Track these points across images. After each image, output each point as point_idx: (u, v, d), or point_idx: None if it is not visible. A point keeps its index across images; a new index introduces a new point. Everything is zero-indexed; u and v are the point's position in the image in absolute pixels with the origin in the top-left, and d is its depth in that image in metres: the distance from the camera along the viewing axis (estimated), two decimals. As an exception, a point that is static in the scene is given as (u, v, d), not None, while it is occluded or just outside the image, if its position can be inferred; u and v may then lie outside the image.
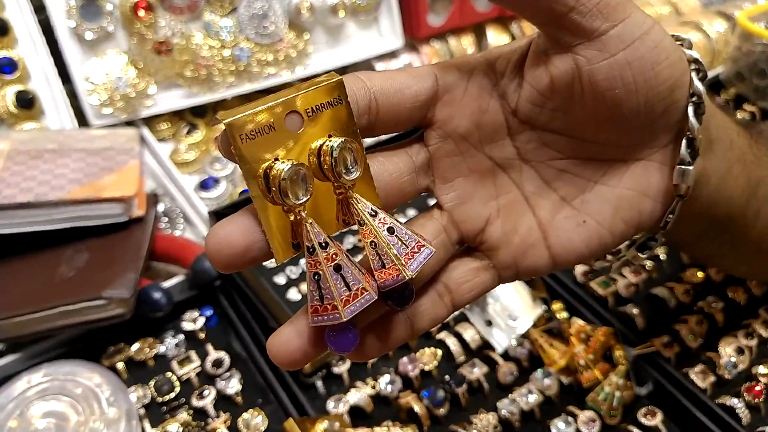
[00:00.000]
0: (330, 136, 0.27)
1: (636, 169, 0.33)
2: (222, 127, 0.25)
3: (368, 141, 0.46)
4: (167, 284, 0.61)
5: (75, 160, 0.63)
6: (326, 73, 0.28)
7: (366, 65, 0.94)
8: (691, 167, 0.31)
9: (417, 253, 0.28)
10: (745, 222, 0.41)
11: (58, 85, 0.77)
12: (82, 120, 0.79)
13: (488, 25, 1.02)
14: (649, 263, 0.67)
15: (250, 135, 0.25)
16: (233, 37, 0.84)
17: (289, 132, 0.26)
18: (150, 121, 0.84)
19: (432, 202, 0.37)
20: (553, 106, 0.31)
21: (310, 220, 0.26)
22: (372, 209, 0.28)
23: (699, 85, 0.30)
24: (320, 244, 0.26)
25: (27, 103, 0.75)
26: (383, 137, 0.48)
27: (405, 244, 0.28)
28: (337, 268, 0.26)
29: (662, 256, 0.69)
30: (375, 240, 0.27)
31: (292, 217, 0.26)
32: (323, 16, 0.90)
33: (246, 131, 0.25)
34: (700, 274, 0.66)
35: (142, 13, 0.79)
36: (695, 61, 0.31)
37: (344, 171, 0.27)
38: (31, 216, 0.58)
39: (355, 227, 0.28)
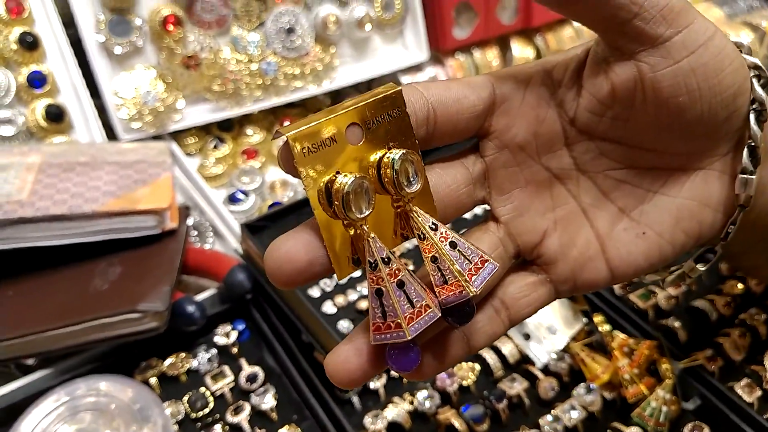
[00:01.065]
0: (390, 148, 0.26)
1: (696, 179, 0.32)
2: (282, 141, 0.24)
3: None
4: (200, 297, 0.60)
5: (108, 172, 0.63)
6: (382, 85, 0.27)
7: (391, 78, 0.94)
8: (753, 176, 0.31)
9: (480, 268, 0.27)
10: None
11: (88, 99, 0.77)
12: (110, 134, 0.79)
13: (513, 37, 1.01)
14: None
15: (312, 148, 0.24)
16: (260, 51, 0.84)
17: (350, 144, 0.25)
18: (177, 136, 0.83)
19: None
20: (613, 115, 0.30)
21: (372, 235, 0.25)
22: (433, 223, 0.27)
23: (761, 92, 0.30)
24: (383, 259, 0.25)
25: (56, 116, 0.75)
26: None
27: (468, 260, 0.27)
28: (400, 284, 0.26)
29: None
30: (437, 255, 0.27)
31: (352, 232, 0.26)
32: (349, 30, 0.89)
33: (308, 145, 0.24)
34: (740, 286, 0.65)
35: (171, 27, 0.79)
36: (756, 67, 0.30)
37: (405, 183, 0.26)
38: (64, 228, 0.57)
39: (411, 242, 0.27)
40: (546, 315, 0.62)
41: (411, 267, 0.49)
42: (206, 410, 0.55)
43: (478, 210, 0.71)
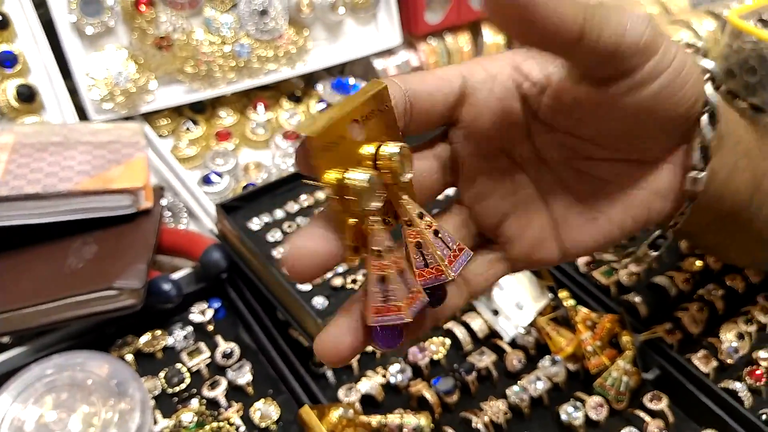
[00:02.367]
0: (383, 141, 0.28)
1: (648, 170, 0.34)
2: (298, 139, 0.26)
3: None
4: (176, 276, 0.61)
5: (81, 152, 0.63)
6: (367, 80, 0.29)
7: (364, 62, 0.95)
8: (703, 173, 0.33)
9: (458, 255, 0.29)
10: (749, 214, 0.42)
11: (59, 79, 0.77)
12: (82, 115, 0.78)
13: (484, 23, 1.03)
14: (649, 253, 0.69)
15: (327, 146, 0.26)
16: (234, 33, 0.85)
17: (353, 140, 0.27)
18: (150, 117, 0.83)
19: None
20: (577, 117, 0.32)
21: (381, 226, 0.27)
22: (420, 211, 0.29)
23: (713, 95, 0.32)
24: (389, 248, 0.27)
25: (28, 97, 0.74)
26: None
27: (448, 247, 0.29)
28: (401, 272, 0.28)
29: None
30: (421, 241, 0.28)
31: (352, 221, 0.27)
32: (323, 13, 0.90)
33: (324, 143, 0.25)
34: (698, 263, 0.68)
35: (143, 8, 0.79)
36: (706, 70, 0.32)
37: (402, 174, 0.28)
38: (39, 207, 0.58)
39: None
40: (514, 291, 0.64)
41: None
42: (183, 385, 0.56)
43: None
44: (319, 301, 0.58)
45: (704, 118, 0.32)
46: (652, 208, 0.34)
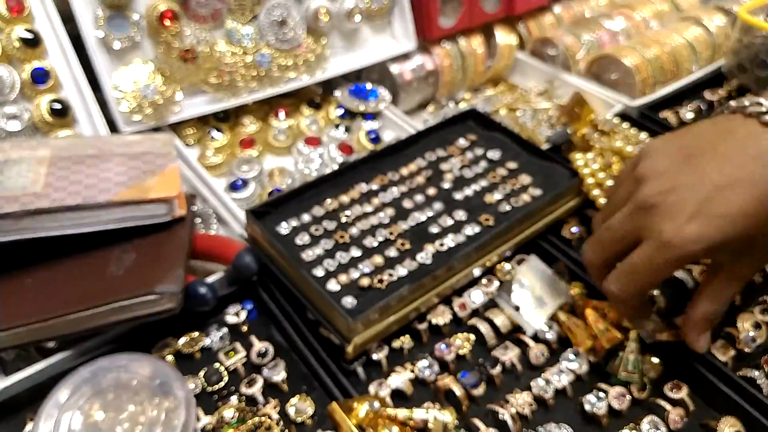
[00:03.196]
0: None
1: None
2: None
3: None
4: (210, 279, 0.64)
5: (117, 164, 0.66)
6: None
7: (380, 67, 0.97)
8: None
9: None
10: None
11: (89, 93, 0.80)
12: (112, 127, 0.81)
13: (496, 25, 1.05)
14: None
15: None
16: (254, 44, 0.87)
17: None
18: (176, 128, 0.86)
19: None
20: None
21: None
22: None
23: None
24: None
25: (61, 111, 0.77)
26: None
27: None
28: None
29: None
30: None
31: None
32: (339, 21, 0.93)
33: None
34: (714, 257, 0.70)
35: (167, 22, 0.81)
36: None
37: None
38: (80, 218, 0.60)
39: None
40: (534, 288, 0.66)
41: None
42: (221, 384, 0.59)
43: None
44: (348, 301, 0.60)
45: None
46: None
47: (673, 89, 0.96)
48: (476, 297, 0.66)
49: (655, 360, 0.60)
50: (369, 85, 0.96)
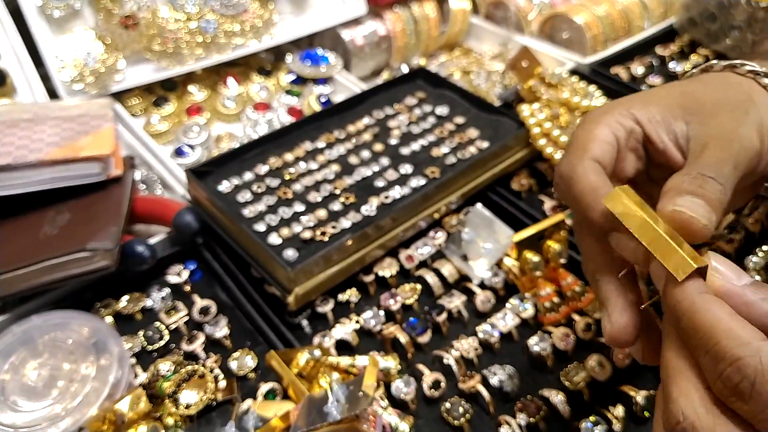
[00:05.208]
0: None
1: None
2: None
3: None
4: (151, 241, 0.63)
5: (51, 126, 0.64)
6: None
7: (331, 33, 0.96)
8: None
9: None
10: None
11: (29, 62, 0.78)
12: (54, 97, 0.79)
13: (449, -11, 1.04)
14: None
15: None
16: (198, 9, 0.86)
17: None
18: (121, 97, 0.85)
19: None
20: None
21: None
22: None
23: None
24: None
25: (-2, 80, 0.76)
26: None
27: None
28: None
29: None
30: None
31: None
32: (286, -15, 0.91)
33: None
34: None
35: (106, -12, 0.80)
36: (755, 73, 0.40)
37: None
38: (10, 179, 0.59)
39: None
40: (481, 235, 0.65)
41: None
42: (162, 342, 0.58)
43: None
44: (290, 254, 0.59)
45: None
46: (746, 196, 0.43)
47: (624, 46, 0.96)
48: (423, 249, 0.66)
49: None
50: (320, 51, 0.95)
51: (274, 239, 0.61)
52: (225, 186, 0.67)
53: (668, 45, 0.98)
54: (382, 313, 0.60)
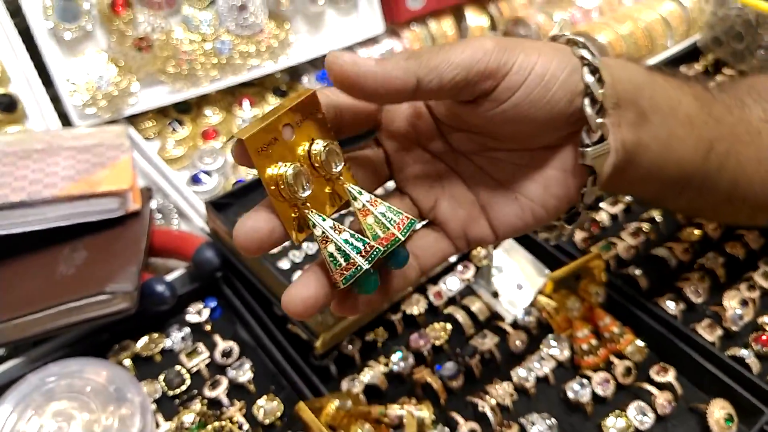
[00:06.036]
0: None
1: (558, 154, 0.37)
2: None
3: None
4: (170, 277, 0.60)
5: (65, 158, 0.62)
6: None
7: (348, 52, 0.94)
8: (588, 149, 0.36)
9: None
10: (707, 178, 0.46)
11: (40, 86, 0.76)
12: (65, 122, 0.77)
13: (467, 6, 1.02)
14: (646, 226, 0.68)
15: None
16: (213, 30, 0.83)
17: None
18: (134, 120, 0.82)
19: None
20: (467, 124, 0.36)
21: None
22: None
23: (588, 78, 0.34)
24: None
25: (9, 106, 0.73)
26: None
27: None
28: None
29: (658, 218, 0.69)
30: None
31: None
32: (303, 5, 0.89)
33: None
34: (697, 232, 0.67)
35: (120, 9, 0.77)
36: (582, 57, 0.35)
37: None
38: (24, 216, 0.56)
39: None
40: (512, 272, 0.63)
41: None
42: (183, 387, 0.55)
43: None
44: (316, 294, 0.57)
45: (586, 100, 0.34)
46: (569, 185, 0.37)
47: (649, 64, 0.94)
48: (452, 284, 0.63)
49: (640, 343, 0.57)
50: (337, 71, 0.92)
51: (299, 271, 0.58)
52: (246, 220, 0.64)
53: (692, 65, 0.95)
54: (411, 355, 0.58)
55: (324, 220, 0.31)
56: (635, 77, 0.40)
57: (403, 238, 0.32)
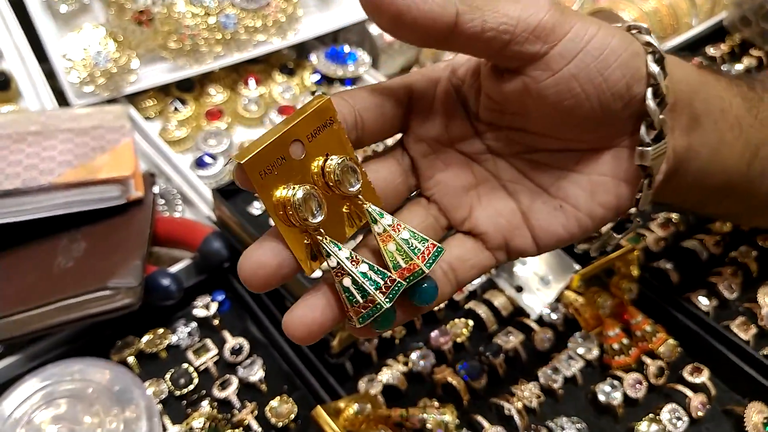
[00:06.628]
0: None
1: (607, 156, 0.34)
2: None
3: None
4: (175, 269, 0.57)
5: (62, 141, 0.58)
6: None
7: (359, 28, 0.89)
8: (649, 147, 0.32)
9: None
10: (750, 184, 0.43)
11: (34, 63, 0.72)
12: (62, 100, 0.73)
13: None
14: (675, 216, 0.65)
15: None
16: (217, 3, 0.79)
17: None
18: (134, 99, 0.78)
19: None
20: (513, 112, 0.33)
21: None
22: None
23: (654, 67, 0.31)
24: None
25: (2, 84, 0.69)
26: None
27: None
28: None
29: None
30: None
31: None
32: (312, -23, 0.84)
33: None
34: (728, 224, 0.64)
35: (118, -20, 0.73)
36: (648, 44, 0.32)
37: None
38: (19, 204, 0.53)
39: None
40: (537, 266, 0.60)
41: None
42: (191, 386, 0.52)
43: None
44: (332, 289, 0.54)
45: (648, 91, 0.31)
46: (619, 194, 0.34)
47: (673, 45, 0.89)
48: (473, 278, 0.60)
49: (673, 342, 0.55)
50: (347, 48, 0.88)
51: (315, 272, 0.55)
52: (256, 207, 0.61)
53: (718, 45, 0.91)
54: (431, 353, 0.55)
55: (339, 249, 0.28)
56: (690, 77, 0.36)
57: (427, 270, 0.29)
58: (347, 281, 0.28)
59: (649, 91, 0.31)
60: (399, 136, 0.35)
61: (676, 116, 0.34)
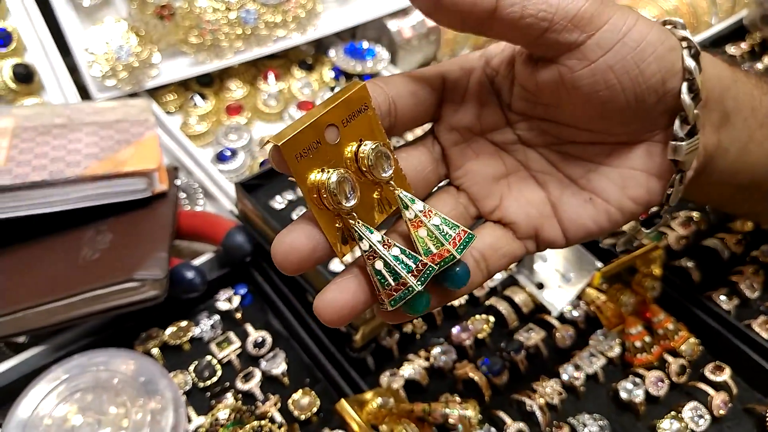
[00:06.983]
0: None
1: (639, 150, 0.33)
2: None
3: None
4: (198, 262, 0.57)
5: (87, 134, 0.58)
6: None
7: (378, 24, 0.89)
8: (683, 142, 0.32)
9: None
10: None
11: (57, 56, 0.72)
12: (84, 94, 0.74)
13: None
14: (696, 214, 0.64)
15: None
16: (238, -1, 0.79)
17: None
18: (155, 93, 0.78)
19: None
20: (545, 104, 0.33)
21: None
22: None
23: (690, 62, 0.31)
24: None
25: (25, 77, 0.69)
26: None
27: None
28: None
29: (707, 206, 0.66)
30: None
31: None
32: (331, -27, 0.84)
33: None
34: (750, 223, 0.64)
35: (141, -25, 0.73)
36: (684, 39, 0.31)
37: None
38: (46, 196, 0.53)
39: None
40: (558, 262, 0.60)
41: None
42: (214, 378, 0.53)
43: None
44: (355, 283, 0.54)
45: (684, 86, 0.31)
46: (651, 189, 0.34)
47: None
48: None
49: (695, 341, 0.54)
50: (365, 44, 0.88)
51: (336, 265, 0.55)
52: (278, 202, 0.61)
53: (738, 44, 0.91)
54: (453, 349, 0.55)
55: (372, 232, 0.28)
56: (723, 74, 0.36)
57: (458, 256, 0.29)
58: (379, 264, 0.28)
59: (684, 86, 0.31)
60: (429, 125, 0.35)
61: (707, 113, 0.34)
